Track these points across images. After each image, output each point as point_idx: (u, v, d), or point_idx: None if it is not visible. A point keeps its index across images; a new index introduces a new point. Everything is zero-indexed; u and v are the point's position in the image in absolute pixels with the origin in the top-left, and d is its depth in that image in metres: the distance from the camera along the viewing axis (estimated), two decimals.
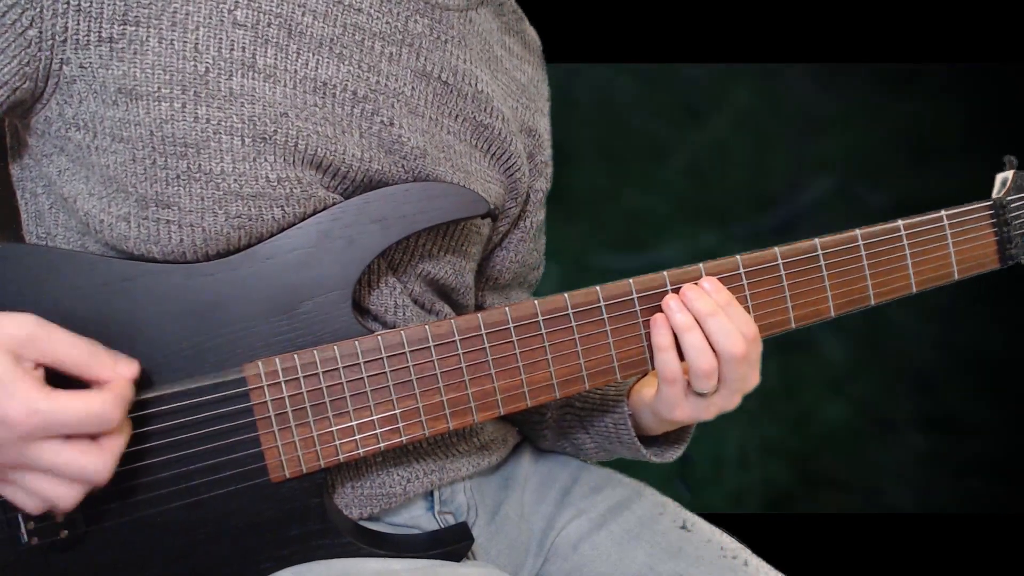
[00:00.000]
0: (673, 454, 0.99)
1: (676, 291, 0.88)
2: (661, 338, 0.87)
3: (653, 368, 0.89)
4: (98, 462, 0.68)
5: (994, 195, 1.05)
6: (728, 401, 0.89)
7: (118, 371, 0.71)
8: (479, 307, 1.06)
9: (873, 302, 0.97)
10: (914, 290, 0.99)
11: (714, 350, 0.86)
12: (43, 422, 0.65)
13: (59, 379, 0.69)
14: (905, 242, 0.97)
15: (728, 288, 0.90)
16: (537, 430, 1.08)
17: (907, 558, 2.33)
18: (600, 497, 1.03)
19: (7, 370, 0.65)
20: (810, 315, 0.94)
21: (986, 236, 1.03)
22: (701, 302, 0.86)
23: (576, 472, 1.07)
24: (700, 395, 0.88)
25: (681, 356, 0.87)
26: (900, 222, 0.98)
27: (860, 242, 0.95)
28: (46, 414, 0.65)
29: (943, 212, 1.00)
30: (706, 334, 0.86)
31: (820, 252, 0.93)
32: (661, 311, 0.88)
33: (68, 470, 0.67)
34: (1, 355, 0.66)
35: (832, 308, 0.95)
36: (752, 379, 0.90)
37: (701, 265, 0.89)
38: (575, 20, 2.07)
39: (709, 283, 0.88)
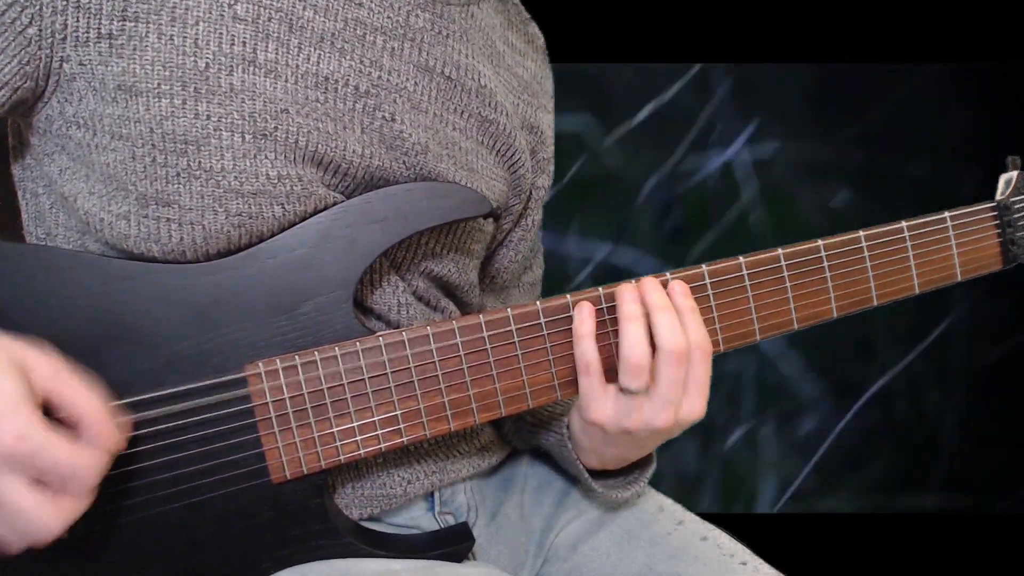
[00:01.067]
0: (623, 492, 0.96)
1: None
2: (583, 326, 0.84)
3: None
4: (51, 521, 0.66)
5: (997, 196, 1.04)
6: (658, 413, 0.83)
7: (113, 436, 0.70)
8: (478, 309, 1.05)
9: (876, 303, 0.97)
10: (917, 291, 0.99)
11: (654, 345, 0.82)
12: (30, 451, 0.64)
13: None
14: (908, 243, 0.97)
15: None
16: (508, 437, 1.07)
17: (907, 558, 2.33)
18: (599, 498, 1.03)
19: (16, 391, 0.64)
20: (812, 316, 0.94)
21: (989, 237, 1.03)
22: (657, 295, 0.84)
23: None
24: (627, 395, 0.83)
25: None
26: (903, 223, 0.97)
27: (863, 243, 0.95)
28: (35, 444, 0.64)
29: (946, 213, 1.00)
30: (652, 326, 0.83)
31: (823, 253, 0.93)
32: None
33: (21, 515, 0.65)
34: (16, 376, 0.65)
35: (835, 309, 0.94)
36: (694, 400, 0.84)
37: (704, 266, 0.89)
38: (576, 19, 2.07)
39: (679, 286, 0.85)
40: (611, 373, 0.85)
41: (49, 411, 0.68)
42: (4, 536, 0.67)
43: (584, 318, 0.84)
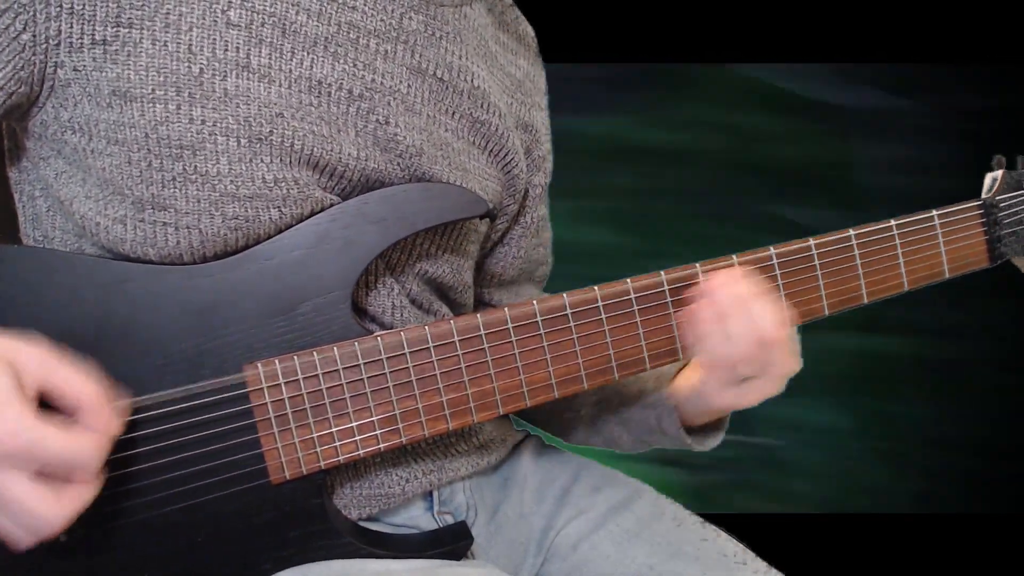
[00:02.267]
0: (713, 441, 1.00)
1: (676, 289, 0.88)
2: (708, 326, 0.87)
3: (683, 360, 0.91)
4: (55, 512, 0.66)
5: (984, 194, 1.06)
6: (770, 386, 0.89)
7: (111, 419, 0.69)
8: (487, 304, 1.06)
9: (866, 300, 0.98)
10: (906, 288, 1.00)
11: (753, 334, 0.86)
12: (25, 446, 0.64)
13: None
14: (897, 241, 0.98)
15: None
16: (568, 426, 1.08)
17: (907, 558, 2.33)
18: (600, 497, 1.03)
19: (5, 386, 0.64)
20: (804, 314, 0.95)
21: (976, 235, 1.04)
22: (743, 285, 0.87)
23: (576, 472, 1.06)
24: (741, 380, 0.88)
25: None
26: (892, 221, 0.98)
27: (854, 241, 0.96)
28: (30, 440, 0.64)
29: (934, 212, 1.01)
30: (748, 315, 0.86)
31: (815, 251, 0.94)
32: (662, 310, 0.88)
33: (24, 511, 0.65)
34: (5, 372, 0.64)
35: (826, 307, 0.95)
36: (791, 363, 0.89)
37: (698, 265, 0.90)
38: (576, 19, 2.08)
39: (743, 271, 0.89)
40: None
41: (47, 403, 0.68)
42: (12, 532, 0.66)
43: (707, 320, 0.88)
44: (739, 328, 0.86)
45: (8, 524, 0.66)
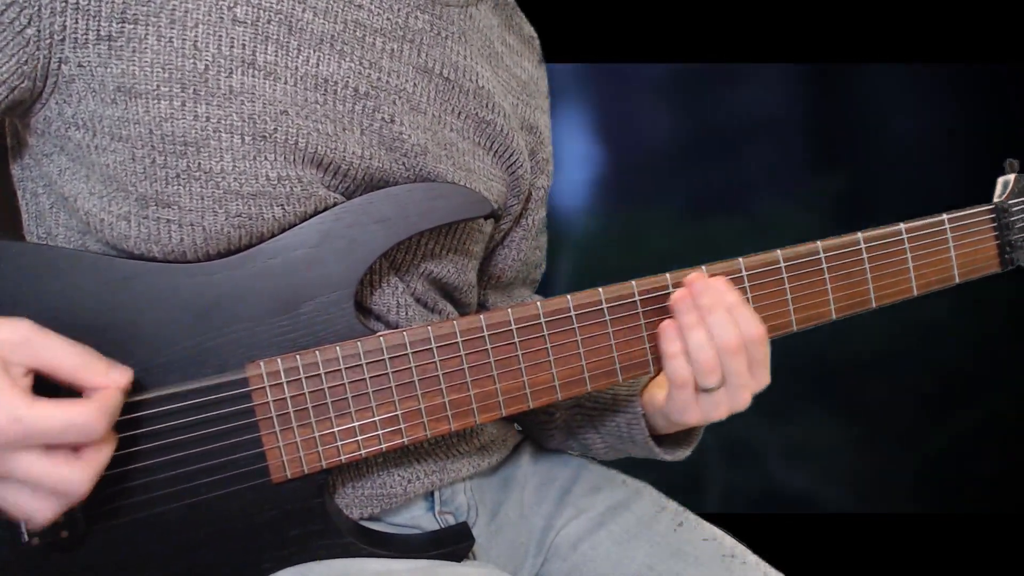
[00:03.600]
0: (684, 452, 0.99)
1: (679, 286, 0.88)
2: (671, 345, 0.86)
3: (655, 372, 0.89)
4: (76, 477, 0.66)
5: (995, 199, 1.05)
6: (736, 399, 0.88)
7: (111, 378, 0.70)
8: (482, 306, 1.06)
9: (874, 305, 0.97)
10: (915, 293, 0.99)
11: (711, 346, 0.85)
12: (24, 431, 0.64)
13: (52, 387, 0.68)
14: (907, 245, 0.97)
15: None
16: (544, 430, 1.08)
17: (907, 558, 2.33)
18: (600, 497, 1.03)
19: None
20: (812, 317, 0.94)
21: (987, 240, 1.03)
22: (706, 298, 0.86)
23: (576, 472, 1.07)
24: (707, 392, 0.87)
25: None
26: (902, 225, 0.98)
27: (862, 245, 0.95)
28: (28, 423, 0.64)
29: (944, 215, 1.00)
30: (708, 328, 0.85)
31: (822, 255, 0.93)
32: (665, 313, 0.87)
33: (45, 483, 0.66)
34: None
35: (833, 311, 0.95)
36: (760, 377, 0.88)
37: (704, 268, 0.89)
38: (574, 20, 2.07)
39: (719, 283, 0.87)
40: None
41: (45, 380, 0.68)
42: (37, 508, 0.67)
43: (672, 338, 0.86)
44: (697, 341, 0.85)
45: (31, 502, 0.67)
